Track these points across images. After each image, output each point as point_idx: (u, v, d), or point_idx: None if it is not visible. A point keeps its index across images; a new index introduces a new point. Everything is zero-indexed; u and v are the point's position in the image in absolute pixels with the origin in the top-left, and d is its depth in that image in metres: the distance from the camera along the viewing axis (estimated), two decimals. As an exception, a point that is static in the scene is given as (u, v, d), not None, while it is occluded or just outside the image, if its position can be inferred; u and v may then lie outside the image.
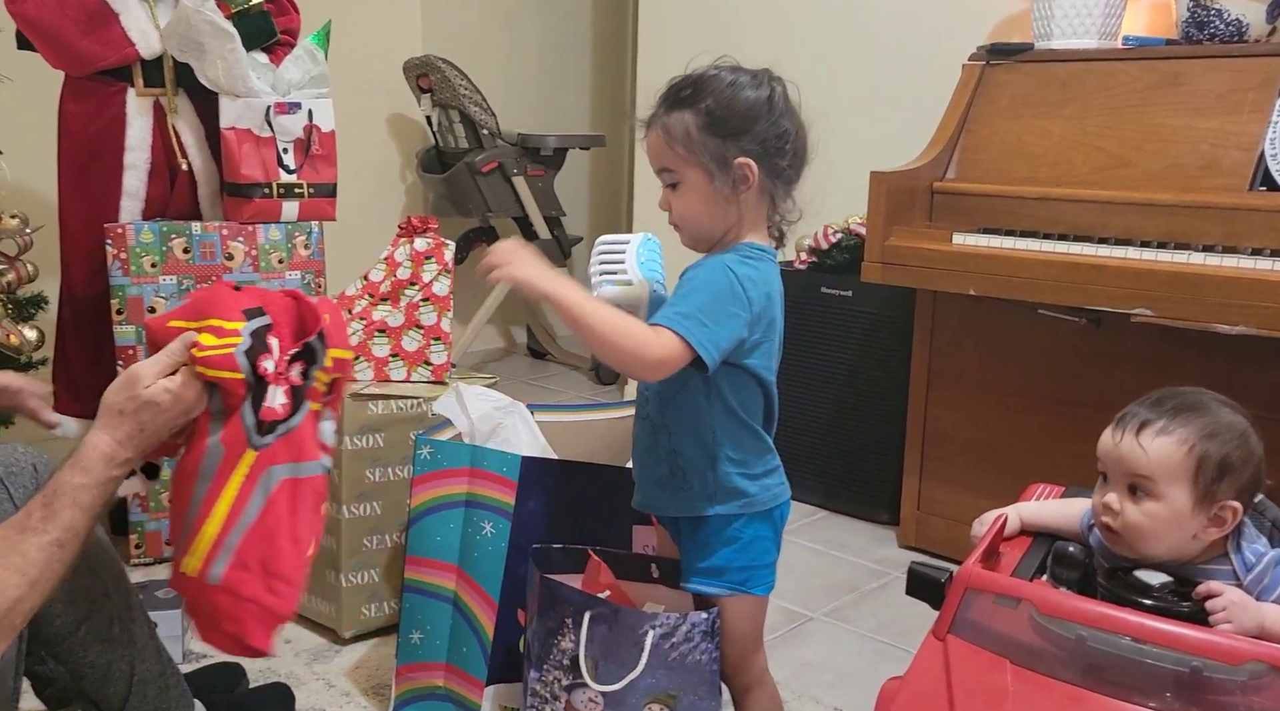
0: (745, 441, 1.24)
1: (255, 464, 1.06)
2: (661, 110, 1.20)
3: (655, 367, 1.13)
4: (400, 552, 1.80)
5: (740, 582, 1.26)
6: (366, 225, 3.19)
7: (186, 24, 1.93)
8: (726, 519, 1.24)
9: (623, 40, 4.35)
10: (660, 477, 1.27)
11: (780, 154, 1.19)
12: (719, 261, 1.18)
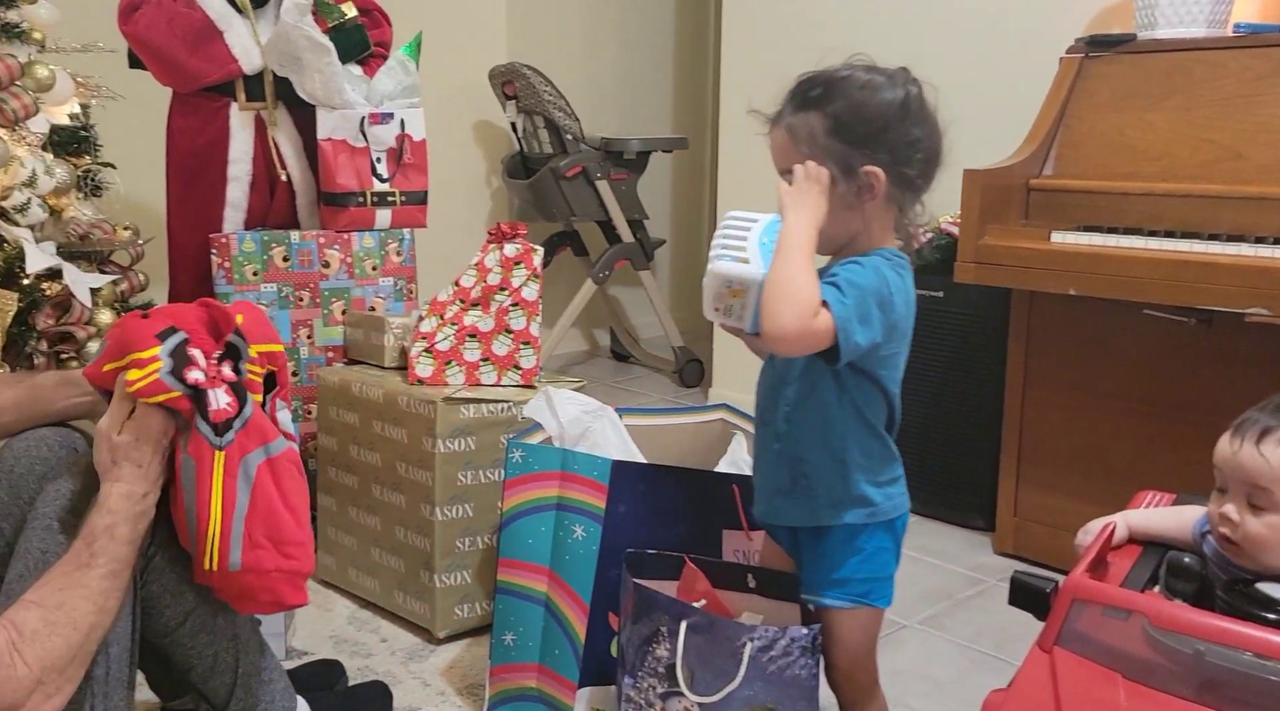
0: (872, 448, 1.21)
1: (227, 461, 1.17)
2: (788, 109, 1.16)
3: (802, 336, 1.07)
4: (492, 554, 1.83)
5: (863, 595, 1.23)
6: (453, 231, 3.25)
7: (286, 39, 1.99)
8: (851, 529, 1.21)
9: (704, 42, 4.34)
10: (783, 486, 1.24)
11: (909, 163, 1.13)
12: (873, 263, 1.13)
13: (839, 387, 1.18)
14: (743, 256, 1.19)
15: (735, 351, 3.25)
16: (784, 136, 1.16)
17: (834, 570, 1.23)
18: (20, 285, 1.74)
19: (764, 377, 1.28)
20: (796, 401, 1.21)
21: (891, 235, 1.19)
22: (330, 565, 2.02)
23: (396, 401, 1.84)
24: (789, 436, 1.22)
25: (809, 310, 1.07)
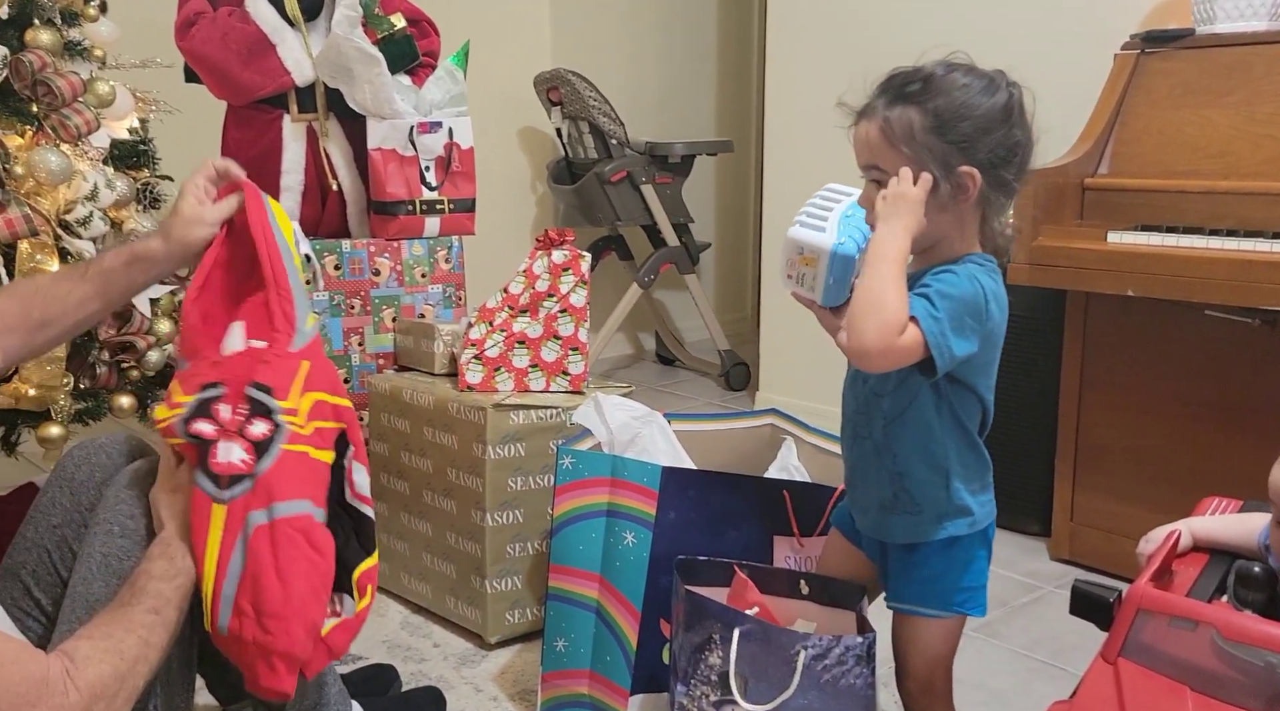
0: (970, 456, 1.19)
1: (229, 517, 1.11)
2: (881, 102, 1.11)
3: (886, 353, 1.05)
4: (542, 560, 1.84)
5: (960, 604, 1.21)
6: (499, 238, 3.27)
7: (337, 51, 2.02)
8: (950, 540, 1.19)
9: (748, 43, 4.33)
10: (884, 502, 1.21)
11: (1008, 166, 1.10)
12: (968, 271, 1.10)
13: (938, 397, 1.15)
14: (820, 225, 1.18)
15: (783, 354, 3.25)
16: (875, 130, 1.11)
17: (933, 581, 1.21)
18: (83, 296, 1.78)
19: (854, 390, 1.24)
20: (894, 414, 1.18)
21: (976, 244, 1.16)
22: (383, 570, 2.04)
23: (447, 408, 1.86)
24: (889, 451, 1.19)
25: (895, 327, 1.04)
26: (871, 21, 2.77)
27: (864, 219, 1.17)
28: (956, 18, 2.60)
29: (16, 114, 1.76)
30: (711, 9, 4.17)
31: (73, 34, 1.87)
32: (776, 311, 3.19)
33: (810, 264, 1.18)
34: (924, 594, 1.22)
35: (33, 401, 1.70)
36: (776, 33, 3.04)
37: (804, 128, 2.98)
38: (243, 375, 1.18)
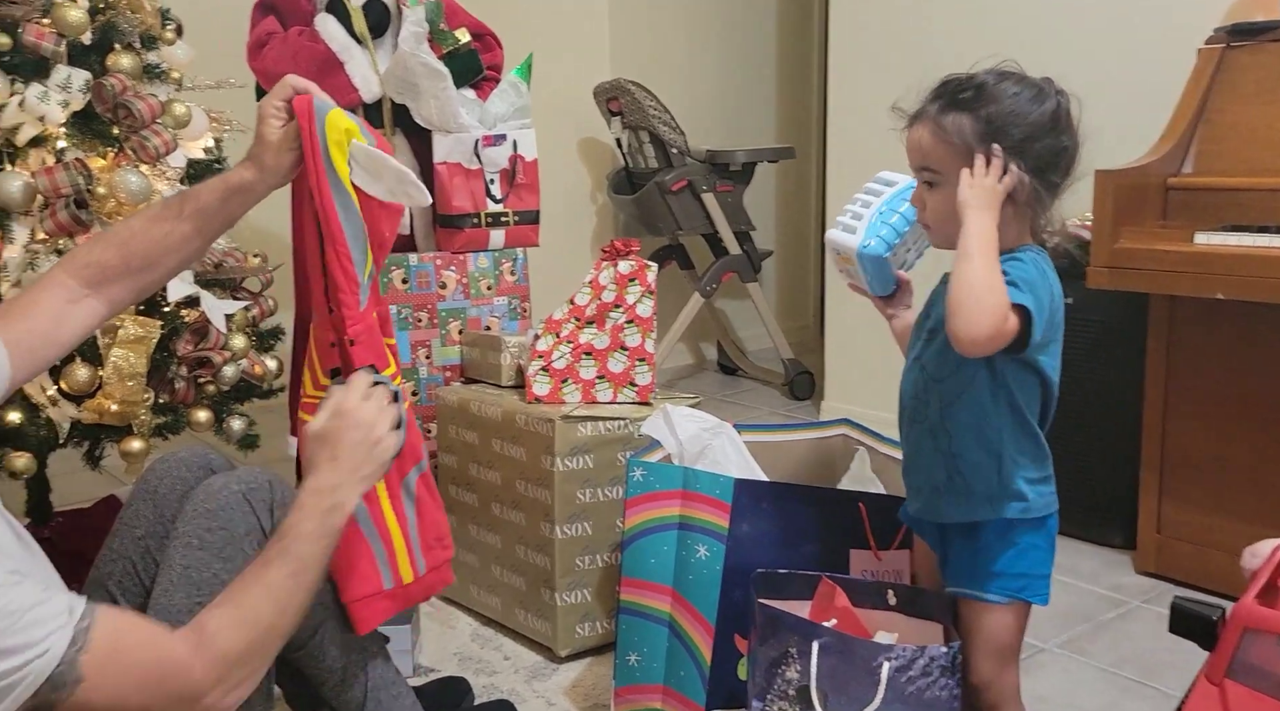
0: (1027, 444, 1.21)
1: (389, 485, 1.29)
2: (934, 108, 1.18)
3: (995, 338, 1.10)
4: (612, 573, 1.82)
5: (1017, 590, 1.22)
6: (561, 249, 3.28)
7: (404, 67, 2.04)
8: (1005, 523, 1.21)
9: (808, 49, 4.29)
10: (938, 483, 1.25)
11: (1054, 169, 1.17)
12: (1031, 257, 1.17)
13: (994, 382, 1.19)
14: (853, 225, 1.27)
15: (848, 363, 3.20)
16: (929, 134, 1.18)
17: (989, 563, 1.22)
18: (162, 312, 1.82)
19: (911, 376, 1.29)
20: (951, 398, 1.21)
21: (1028, 237, 1.22)
22: (453, 582, 2.05)
23: (514, 420, 1.86)
24: (944, 433, 1.23)
25: (1003, 314, 1.10)
26: (936, 24, 2.72)
27: (909, 213, 1.26)
28: (1026, 15, 2.54)
29: (99, 136, 1.81)
30: (771, 16, 4.15)
31: (151, 57, 1.92)
32: (841, 319, 3.14)
33: (849, 261, 1.27)
34: (980, 577, 1.23)
35: (115, 416, 1.74)
36: (839, 37, 3.00)
37: (867, 132, 2.94)
38: (352, 360, 1.26)
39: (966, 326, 1.10)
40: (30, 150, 1.74)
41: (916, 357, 1.27)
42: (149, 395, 1.79)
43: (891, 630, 1.30)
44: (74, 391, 1.72)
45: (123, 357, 1.72)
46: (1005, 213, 1.16)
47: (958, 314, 1.10)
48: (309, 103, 1.25)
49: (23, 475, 1.74)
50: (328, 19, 2.10)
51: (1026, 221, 1.20)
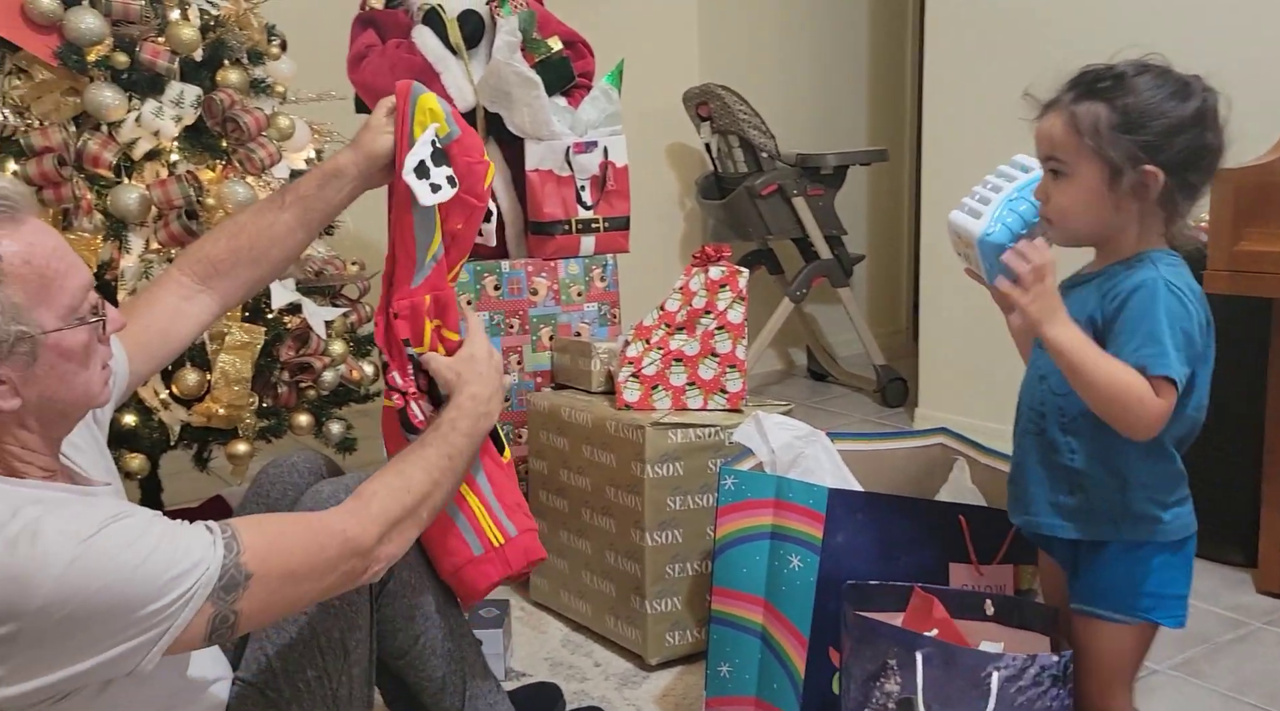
0: (1159, 467, 1.16)
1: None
2: (1069, 96, 1.14)
3: (1161, 421, 1.09)
4: (702, 581, 1.81)
5: (1145, 610, 1.17)
6: (648, 255, 3.28)
7: (498, 76, 2.07)
8: (1133, 543, 1.17)
9: (901, 50, 4.21)
10: (1059, 499, 1.20)
11: (1195, 169, 1.11)
12: (1151, 281, 1.10)
13: None
14: (979, 209, 1.21)
15: (943, 370, 3.11)
16: (1061, 122, 1.14)
17: (1116, 582, 1.18)
18: (266, 319, 1.89)
19: (1032, 387, 1.25)
20: (1074, 414, 1.17)
21: (1160, 238, 1.16)
22: (543, 586, 2.06)
23: (605, 426, 1.86)
24: (1066, 448, 1.19)
25: (1148, 401, 1.08)
26: (1037, 22, 2.64)
27: (1035, 207, 1.19)
28: (1137, 12, 2.44)
29: (208, 149, 1.88)
30: (863, 17, 4.08)
31: (257, 72, 1.99)
32: (937, 324, 3.07)
33: (968, 246, 1.21)
34: (1105, 595, 1.18)
35: (222, 420, 1.81)
36: (935, 38, 2.93)
37: (963, 134, 2.87)
38: (395, 334, 1.32)
39: (1132, 434, 1.10)
40: (145, 163, 1.82)
41: (1038, 368, 1.23)
42: (253, 399, 1.85)
43: (993, 641, 1.26)
44: (184, 395, 1.79)
45: (230, 363, 1.78)
46: (1130, 211, 1.12)
47: (1114, 424, 1.10)
48: (408, 85, 1.29)
49: (137, 475, 1.82)
50: (424, 31, 2.14)
51: (1157, 222, 1.14)
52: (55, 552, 0.86)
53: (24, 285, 0.92)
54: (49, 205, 1.75)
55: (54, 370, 0.95)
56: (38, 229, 0.95)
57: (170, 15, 1.85)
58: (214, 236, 1.30)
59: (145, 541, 0.90)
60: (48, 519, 0.88)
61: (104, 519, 0.90)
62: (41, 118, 1.76)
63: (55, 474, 1.01)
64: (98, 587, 0.86)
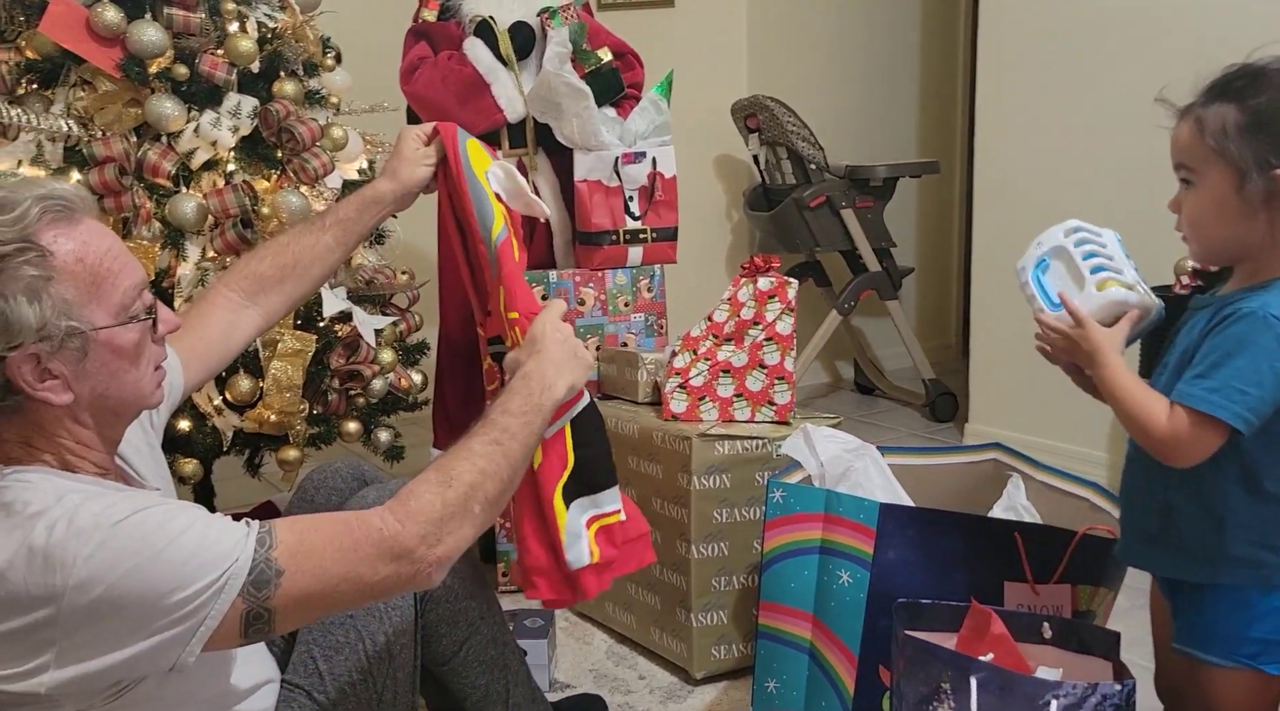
0: (1261, 508, 1.09)
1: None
2: (1200, 101, 1.08)
3: (1174, 453, 1.07)
4: (748, 594, 1.79)
5: (1252, 656, 1.11)
6: (695, 266, 3.27)
7: (548, 87, 2.08)
8: (1242, 589, 1.10)
9: (953, 62, 4.16)
10: (1150, 532, 1.16)
11: None
12: (1259, 311, 1.04)
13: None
14: (1129, 281, 1.20)
15: (995, 385, 3.06)
16: (1189, 128, 1.08)
17: (1215, 624, 1.12)
18: (317, 327, 1.91)
19: None
20: None
21: None
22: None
23: (651, 437, 1.85)
24: (1160, 480, 1.14)
25: (1160, 434, 1.07)
26: (1092, 33, 2.59)
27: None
28: (1195, 28, 2.38)
29: (264, 159, 1.91)
30: (914, 28, 4.04)
31: (312, 84, 2.01)
32: (988, 339, 3.01)
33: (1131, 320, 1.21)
34: (1206, 638, 1.12)
35: (274, 426, 1.83)
36: (987, 50, 2.89)
37: (1016, 146, 2.82)
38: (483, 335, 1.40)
39: (1167, 461, 1.09)
40: (203, 173, 1.85)
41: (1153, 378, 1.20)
42: (304, 406, 1.87)
43: (1050, 666, 1.22)
44: (237, 401, 1.81)
45: (281, 370, 1.80)
46: (1262, 222, 1.05)
47: (1152, 452, 1.10)
48: (454, 127, 1.38)
49: (191, 480, 1.84)
50: (476, 43, 2.16)
51: None
52: (87, 534, 0.88)
53: (76, 282, 0.94)
54: (109, 213, 1.79)
55: (105, 367, 0.98)
56: (93, 229, 0.98)
57: (229, 28, 1.88)
58: (259, 255, 1.36)
59: (174, 526, 0.91)
60: (86, 505, 0.90)
61: (138, 506, 0.92)
62: (104, 128, 1.80)
63: (109, 473, 1.03)
64: (126, 569, 0.88)
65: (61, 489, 0.93)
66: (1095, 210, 2.66)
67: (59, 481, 0.95)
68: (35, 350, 0.92)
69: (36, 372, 0.93)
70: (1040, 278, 1.25)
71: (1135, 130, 2.53)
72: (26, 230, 0.92)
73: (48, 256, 0.92)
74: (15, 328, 0.90)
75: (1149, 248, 2.53)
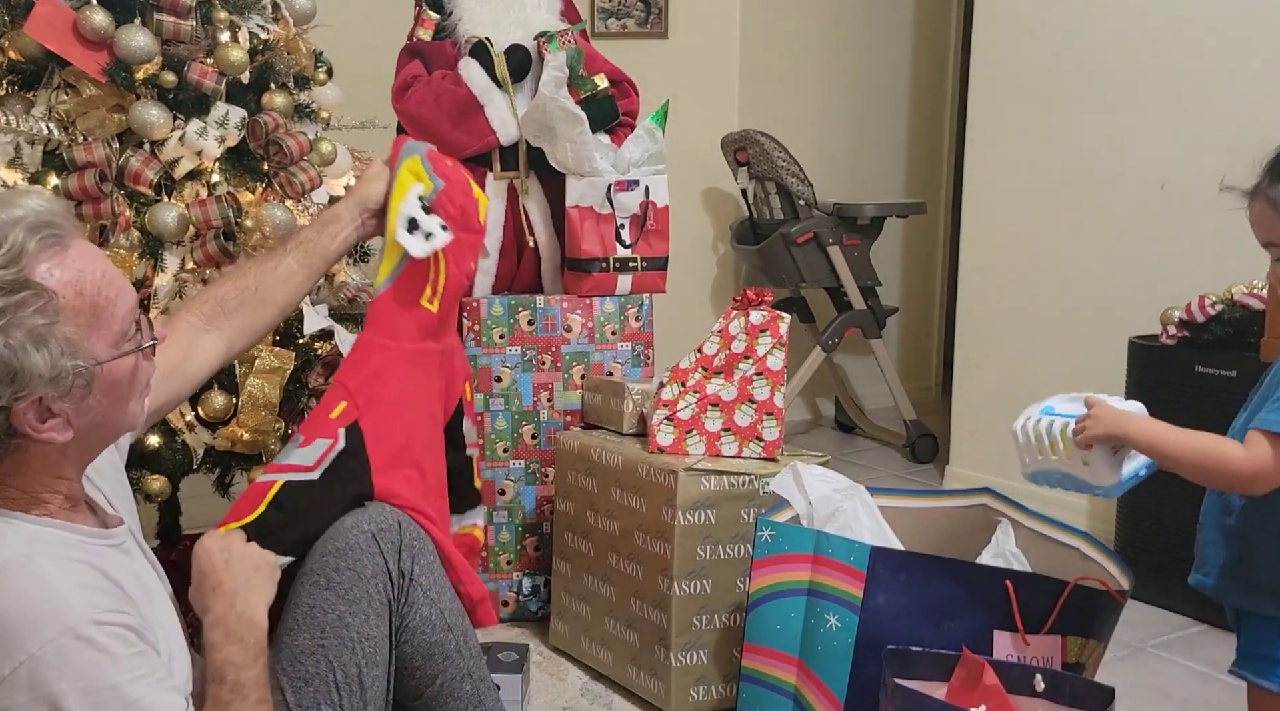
0: None
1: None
2: (1266, 180, 1.16)
3: (1252, 482, 1.11)
4: (730, 635, 1.75)
5: None
6: (680, 298, 3.24)
7: (543, 111, 2.05)
8: None
9: (941, 103, 4.20)
10: (1226, 562, 1.21)
11: None
12: None
13: None
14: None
15: (976, 428, 3.05)
16: (1265, 208, 1.15)
17: (1273, 650, 1.18)
18: (296, 345, 1.85)
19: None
20: None
21: None
22: (563, 631, 2.00)
23: (636, 469, 1.81)
24: (1240, 513, 1.19)
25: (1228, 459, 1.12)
26: (1084, 80, 2.61)
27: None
28: (1182, 70, 2.41)
29: (249, 172, 1.86)
30: (905, 68, 4.08)
31: (303, 97, 1.98)
32: (971, 383, 3.01)
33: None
34: (1263, 662, 1.18)
35: (246, 445, 1.77)
36: (979, 94, 2.90)
37: (1005, 189, 2.83)
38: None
39: (1246, 491, 1.14)
40: (186, 183, 1.80)
41: (1231, 427, 1.25)
42: (280, 424, 1.82)
43: (1045, 722, 1.19)
44: (210, 418, 1.75)
45: (258, 387, 1.74)
46: None
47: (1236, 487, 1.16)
48: (401, 142, 1.40)
49: (158, 498, 1.78)
50: (471, 63, 2.13)
51: None
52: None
53: (77, 317, 0.91)
54: (87, 220, 1.73)
55: (106, 398, 0.95)
56: (84, 253, 0.94)
57: (220, 37, 1.84)
58: (219, 281, 1.35)
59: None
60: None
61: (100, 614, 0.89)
62: (86, 133, 1.75)
63: (78, 503, 0.99)
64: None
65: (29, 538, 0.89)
66: (1082, 256, 2.67)
67: (23, 527, 0.91)
68: (42, 394, 0.88)
69: (39, 414, 0.90)
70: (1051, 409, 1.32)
71: (1126, 176, 2.54)
72: (22, 270, 0.88)
73: (50, 299, 0.89)
74: (25, 377, 0.87)
75: (1137, 295, 2.54)
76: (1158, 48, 2.46)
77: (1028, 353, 2.78)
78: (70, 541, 0.94)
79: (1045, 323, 2.73)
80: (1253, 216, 1.17)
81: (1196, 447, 1.14)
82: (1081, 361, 2.63)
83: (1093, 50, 2.59)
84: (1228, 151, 2.37)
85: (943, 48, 4.16)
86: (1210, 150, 2.35)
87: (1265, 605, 1.18)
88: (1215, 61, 2.35)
